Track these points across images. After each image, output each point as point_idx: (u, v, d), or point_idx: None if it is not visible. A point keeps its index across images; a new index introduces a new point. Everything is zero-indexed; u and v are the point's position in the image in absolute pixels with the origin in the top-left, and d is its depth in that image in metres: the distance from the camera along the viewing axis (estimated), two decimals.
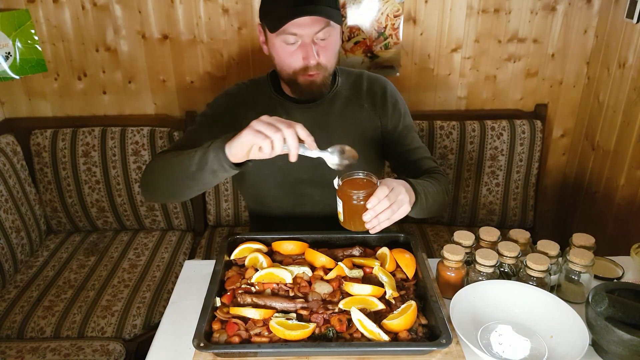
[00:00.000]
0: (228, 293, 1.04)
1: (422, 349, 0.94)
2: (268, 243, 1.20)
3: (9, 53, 1.96)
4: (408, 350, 0.94)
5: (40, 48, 2.03)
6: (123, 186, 2.10)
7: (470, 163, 2.13)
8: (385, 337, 0.92)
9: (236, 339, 0.94)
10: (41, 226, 2.10)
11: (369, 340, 0.93)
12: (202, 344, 0.89)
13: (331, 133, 1.28)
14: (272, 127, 0.94)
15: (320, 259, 1.12)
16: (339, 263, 1.10)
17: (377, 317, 0.97)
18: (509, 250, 1.13)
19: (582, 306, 1.01)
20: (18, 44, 1.98)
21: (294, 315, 0.99)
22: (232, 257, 1.17)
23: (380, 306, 0.99)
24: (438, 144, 2.11)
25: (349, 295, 1.03)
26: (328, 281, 1.06)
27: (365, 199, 1.00)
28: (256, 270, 1.09)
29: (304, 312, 0.99)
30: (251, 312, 0.97)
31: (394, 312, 0.98)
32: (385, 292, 1.03)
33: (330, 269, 1.09)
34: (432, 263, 1.19)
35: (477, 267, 1.10)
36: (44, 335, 1.64)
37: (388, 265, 1.12)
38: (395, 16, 2.05)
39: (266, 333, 0.94)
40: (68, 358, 1.52)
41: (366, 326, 0.94)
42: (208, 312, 0.96)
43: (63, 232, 2.17)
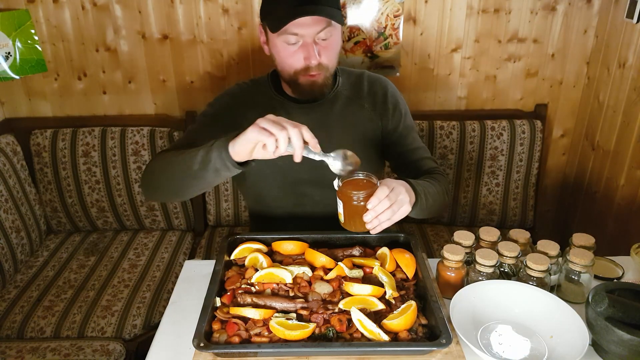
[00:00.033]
0: (228, 293, 1.04)
1: (422, 349, 0.94)
2: (268, 243, 1.20)
3: (9, 53, 1.96)
4: (408, 350, 0.94)
5: (40, 48, 2.03)
6: (123, 186, 2.10)
7: (470, 163, 2.13)
8: (385, 337, 0.92)
9: (236, 339, 0.94)
10: (41, 226, 2.10)
11: (369, 340, 0.93)
12: (202, 344, 0.89)
13: (332, 133, 1.28)
14: (278, 126, 0.93)
15: (320, 259, 1.12)
16: (339, 263, 1.10)
17: (377, 317, 0.97)
18: (509, 250, 1.13)
19: (582, 306, 1.01)
20: (18, 44, 1.98)
21: (294, 315, 0.99)
22: (232, 257, 1.17)
23: (380, 306, 0.99)
24: (438, 144, 2.11)
25: (349, 295, 1.03)
26: (328, 281, 1.06)
27: (365, 200, 0.99)
28: (256, 270, 1.09)
29: (304, 312, 0.99)
30: (251, 312, 0.97)
31: (394, 312, 0.98)
32: (385, 292, 1.03)
33: (330, 269, 1.09)
34: (432, 263, 1.19)
35: (477, 267, 1.10)
36: (44, 335, 1.64)
37: (388, 265, 1.12)
38: (395, 16, 2.05)
39: (266, 333, 0.94)
40: (68, 358, 1.52)
41: (366, 326, 0.94)
42: (208, 312, 0.96)
43: (63, 232, 2.17)
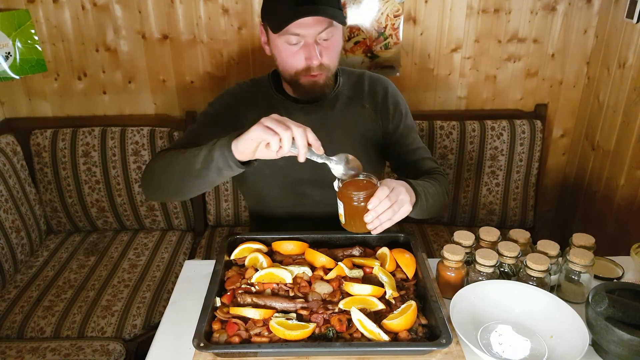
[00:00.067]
0: (228, 293, 1.04)
1: (422, 349, 0.94)
2: (268, 243, 1.20)
3: (9, 53, 1.96)
4: (408, 350, 0.94)
5: (40, 48, 2.03)
6: (123, 186, 2.10)
7: (470, 163, 2.13)
8: (385, 337, 0.92)
9: (236, 339, 0.94)
10: (41, 226, 2.10)
11: (369, 340, 0.93)
12: (202, 344, 0.89)
13: (332, 133, 1.28)
14: (282, 125, 0.93)
15: (320, 259, 1.12)
16: (339, 263, 1.10)
17: (377, 317, 0.97)
18: (509, 250, 1.13)
19: (582, 306, 1.01)
20: (18, 44, 1.98)
21: (294, 315, 0.99)
22: (232, 257, 1.17)
23: (380, 306, 0.99)
24: (438, 144, 2.11)
25: (349, 295, 1.03)
26: (328, 281, 1.06)
27: (365, 200, 0.99)
28: (256, 270, 1.09)
29: (304, 312, 0.99)
30: (251, 312, 0.97)
31: (394, 312, 0.98)
32: (385, 292, 1.03)
33: (330, 269, 1.09)
34: (432, 263, 1.19)
35: (477, 267, 1.10)
36: (44, 335, 1.64)
37: (388, 265, 1.12)
38: (395, 16, 2.05)
39: (266, 333, 0.94)
40: (68, 358, 1.52)
41: (366, 326, 0.94)
42: (208, 312, 0.96)
43: (63, 232, 2.17)
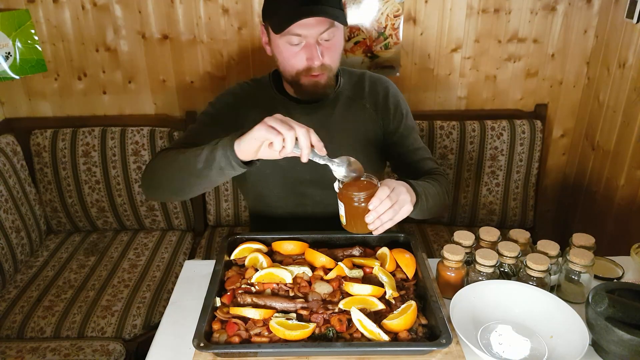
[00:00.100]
0: (228, 293, 1.04)
1: (422, 349, 0.94)
2: (268, 243, 1.20)
3: (9, 53, 1.96)
4: (408, 350, 0.94)
5: (40, 48, 2.03)
6: (123, 186, 2.10)
7: (470, 163, 2.13)
8: (385, 337, 0.92)
9: (236, 339, 0.93)
10: (41, 226, 2.10)
11: (369, 340, 0.93)
12: (202, 344, 0.89)
13: (333, 133, 1.27)
14: (286, 125, 0.93)
15: (320, 259, 1.12)
16: (339, 263, 1.10)
17: (377, 317, 0.97)
18: (509, 250, 1.13)
19: (582, 306, 1.01)
20: (18, 44, 1.98)
21: (294, 315, 0.99)
22: (232, 257, 1.17)
23: (380, 306, 0.99)
24: (438, 144, 2.11)
25: (349, 295, 1.03)
26: (328, 281, 1.06)
27: (366, 201, 0.99)
28: (256, 270, 1.09)
29: (304, 312, 0.99)
30: (251, 312, 0.97)
31: (394, 312, 0.98)
32: (385, 292, 1.03)
33: (330, 269, 1.09)
34: (432, 263, 1.19)
35: (477, 267, 1.10)
36: (44, 335, 1.64)
37: (388, 265, 1.11)
38: (395, 16, 2.05)
39: (266, 333, 0.94)
40: (68, 358, 1.52)
41: (366, 326, 0.94)
42: (208, 312, 0.96)
43: (63, 232, 2.17)
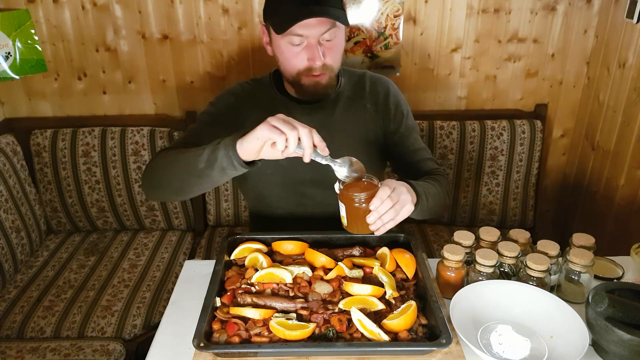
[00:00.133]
0: (228, 293, 1.04)
1: (422, 349, 0.94)
2: (268, 243, 1.20)
3: (9, 53, 1.96)
4: (408, 350, 0.94)
5: (40, 48, 2.03)
6: (123, 186, 2.10)
7: (470, 163, 2.13)
8: (385, 337, 0.92)
9: (236, 339, 0.93)
10: (41, 226, 2.10)
11: (369, 340, 0.93)
12: (202, 344, 0.89)
13: (333, 133, 1.27)
14: (289, 125, 0.93)
15: (320, 259, 1.12)
16: (339, 263, 1.10)
17: (377, 317, 0.97)
18: (509, 250, 1.13)
19: (582, 306, 1.01)
20: (18, 44, 1.98)
21: (294, 315, 0.99)
22: (232, 257, 1.17)
23: (380, 306, 0.99)
24: (438, 144, 2.11)
25: (349, 295, 1.03)
26: (328, 281, 1.06)
27: (367, 201, 0.99)
28: (256, 270, 1.09)
29: (304, 312, 0.99)
30: (251, 312, 0.97)
31: (394, 312, 0.98)
32: (385, 292, 1.03)
33: (330, 269, 1.09)
34: (432, 263, 1.19)
35: (477, 267, 1.10)
36: (44, 335, 1.64)
37: (388, 265, 1.11)
38: (395, 16, 2.05)
39: (266, 333, 0.94)
40: (68, 358, 1.52)
41: (366, 326, 0.94)
42: (208, 312, 0.96)
43: (63, 232, 2.17)
